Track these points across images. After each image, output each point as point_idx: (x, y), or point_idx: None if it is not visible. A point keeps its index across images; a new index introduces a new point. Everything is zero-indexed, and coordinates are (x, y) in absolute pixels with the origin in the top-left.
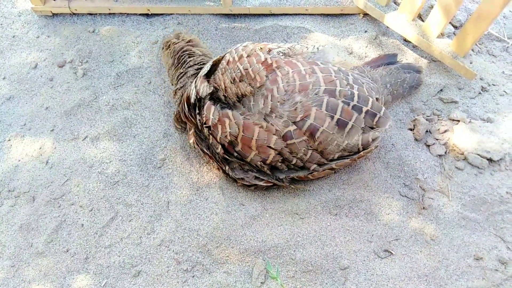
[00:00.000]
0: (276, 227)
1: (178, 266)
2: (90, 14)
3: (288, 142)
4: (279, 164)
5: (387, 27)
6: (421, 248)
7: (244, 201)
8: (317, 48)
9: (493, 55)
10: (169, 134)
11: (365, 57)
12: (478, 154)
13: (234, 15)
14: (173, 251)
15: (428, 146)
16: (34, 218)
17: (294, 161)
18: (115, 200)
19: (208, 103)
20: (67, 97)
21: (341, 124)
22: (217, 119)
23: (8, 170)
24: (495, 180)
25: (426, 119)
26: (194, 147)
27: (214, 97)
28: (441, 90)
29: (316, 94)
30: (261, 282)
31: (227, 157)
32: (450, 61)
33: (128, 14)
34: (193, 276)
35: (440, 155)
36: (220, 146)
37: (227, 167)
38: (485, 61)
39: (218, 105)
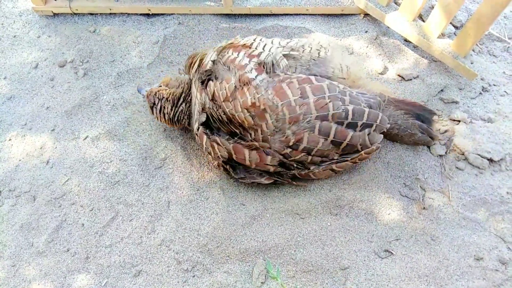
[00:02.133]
0: (277, 227)
1: (179, 265)
2: (91, 14)
3: (290, 159)
4: (280, 169)
5: (388, 27)
6: (422, 248)
7: (244, 201)
8: (318, 53)
9: (494, 56)
10: (169, 134)
11: (366, 57)
12: (479, 154)
13: (235, 15)
14: (174, 250)
15: (428, 146)
16: (34, 217)
17: (295, 165)
18: (115, 199)
19: (201, 129)
20: (68, 96)
21: (336, 143)
22: (209, 146)
23: (9, 169)
24: (496, 180)
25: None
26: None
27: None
28: (441, 90)
29: (308, 122)
30: (262, 282)
31: (229, 163)
32: (451, 61)
33: (129, 14)
34: (194, 276)
35: (440, 155)
36: (217, 163)
37: (228, 166)
38: (486, 61)
39: (208, 130)
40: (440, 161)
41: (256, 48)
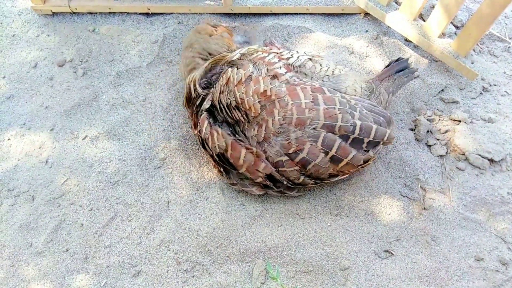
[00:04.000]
0: (277, 227)
1: (178, 266)
2: (90, 13)
3: (280, 169)
4: (269, 183)
5: (388, 27)
6: (422, 249)
7: (244, 201)
8: (332, 72)
9: (495, 55)
10: (169, 134)
11: (366, 56)
12: (479, 155)
13: (234, 14)
14: (173, 251)
15: (429, 146)
16: (33, 217)
17: (285, 182)
18: (114, 199)
19: (204, 115)
20: (67, 96)
21: (335, 160)
22: (208, 132)
23: (8, 169)
24: (496, 181)
25: (427, 119)
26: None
27: (211, 109)
28: (442, 90)
29: (314, 129)
30: (261, 283)
31: (221, 164)
32: (451, 61)
33: (128, 13)
34: (193, 276)
35: (441, 156)
36: (212, 153)
37: (221, 168)
38: (486, 61)
39: (211, 119)
40: (441, 161)
41: (285, 55)
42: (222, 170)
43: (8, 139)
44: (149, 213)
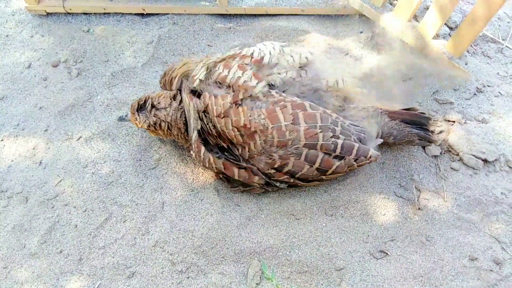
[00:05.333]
0: (272, 228)
1: (173, 267)
2: (85, 13)
3: (272, 178)
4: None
5: (383, 27)
6: (417, 249)
7: (239, 202)
8: (306, 58)
9: (488, 57)
10: None
11: (361, 57)
12: (473, 155)
13: (230, 15)
14: (168, 252)
15: (424, 146)
16: (27, 219)
17: (278, 184)
18: (109, 200)
19: (197, 138)
20: (61, 97)
21: (321, 171)
22: (203, 158)
23: (1, 170)
24: (490, 181)
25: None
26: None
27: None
28: (436, 91)
29: (296, 149)
30: (256, 283)
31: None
32: (446, 62)
33: (123, 13)
34: (188, 277)
35: (435, 156)
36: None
37: (221, 176)
38: (480, 62)
39: (204, 147)
40: (435, 161)
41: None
42: (222, 177)
43: (2, 140)
44: (144, 214)
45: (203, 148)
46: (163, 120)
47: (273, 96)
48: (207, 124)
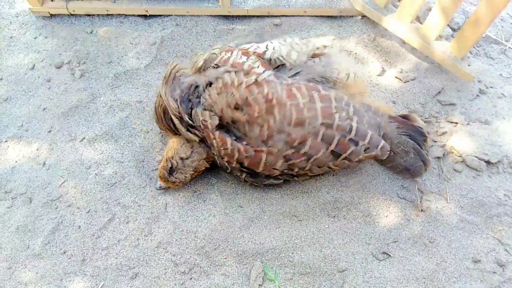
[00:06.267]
0: (274, 229)
1: (176, 268)
2: (88, 15)
3: (289, 162)
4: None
5: (386, 29)
6: (419, 251)
7: (242, 203)
8: (323, 46)
9: (491, 58)
10: (166, 137)
11: (363, 58)
12: (476, 157)
13: (232, 16)
14: (171, 253)
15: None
16: (31, 219)
17: (294, 173)
18: (112, 201)
19: (220, 133)
20: (65, 98)
21: (335, 154)
22: (230, 149)
23: (5, 171)
24: (493, 183)
25: (424, 121)
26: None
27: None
28: (439, 92)
29: (313, 128)
30: (259, 285)
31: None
32: (449, 63)
33: (126, 15)
34: (191, 279)
35: (438, 157)
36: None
37: (243, 175)
38: (483, 63)
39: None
40: (438, 163)
41: (256, 49)
42: (240, 173)
43: (6, 141)
44: (147, 215)
45: (228, 139)
46: (198, 164)
47: (286, 80)
48: (226, 96)
